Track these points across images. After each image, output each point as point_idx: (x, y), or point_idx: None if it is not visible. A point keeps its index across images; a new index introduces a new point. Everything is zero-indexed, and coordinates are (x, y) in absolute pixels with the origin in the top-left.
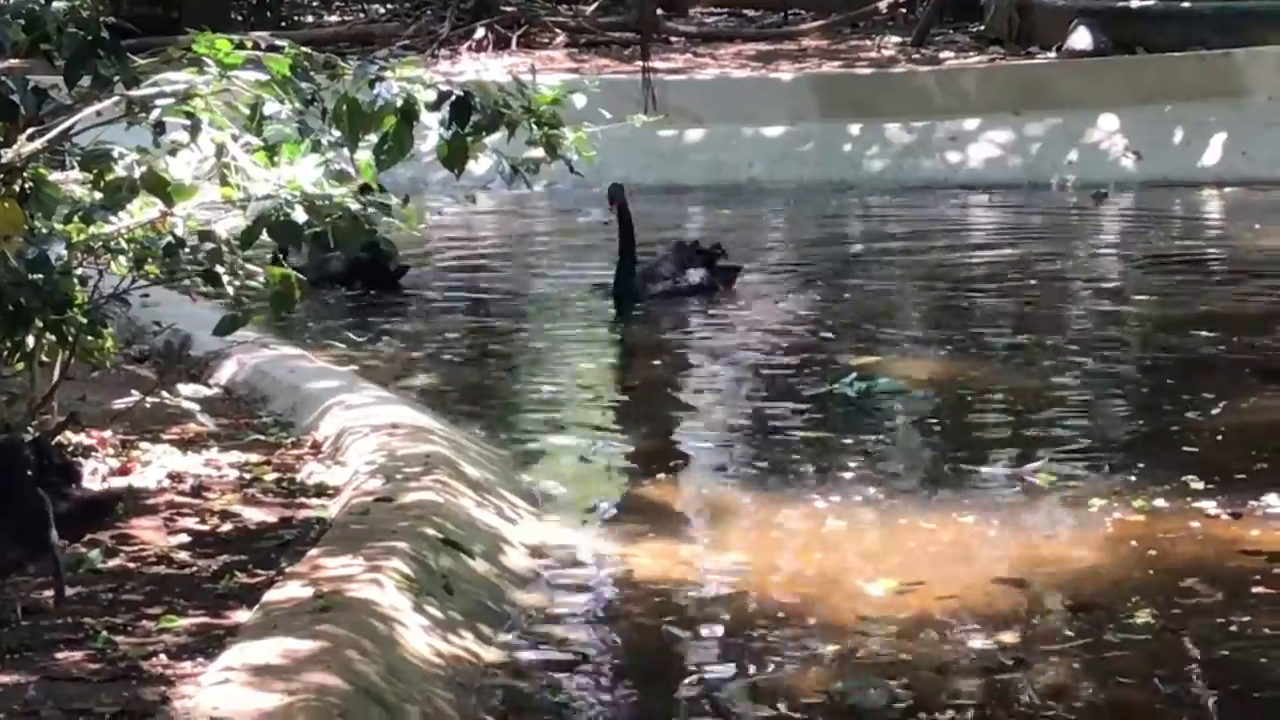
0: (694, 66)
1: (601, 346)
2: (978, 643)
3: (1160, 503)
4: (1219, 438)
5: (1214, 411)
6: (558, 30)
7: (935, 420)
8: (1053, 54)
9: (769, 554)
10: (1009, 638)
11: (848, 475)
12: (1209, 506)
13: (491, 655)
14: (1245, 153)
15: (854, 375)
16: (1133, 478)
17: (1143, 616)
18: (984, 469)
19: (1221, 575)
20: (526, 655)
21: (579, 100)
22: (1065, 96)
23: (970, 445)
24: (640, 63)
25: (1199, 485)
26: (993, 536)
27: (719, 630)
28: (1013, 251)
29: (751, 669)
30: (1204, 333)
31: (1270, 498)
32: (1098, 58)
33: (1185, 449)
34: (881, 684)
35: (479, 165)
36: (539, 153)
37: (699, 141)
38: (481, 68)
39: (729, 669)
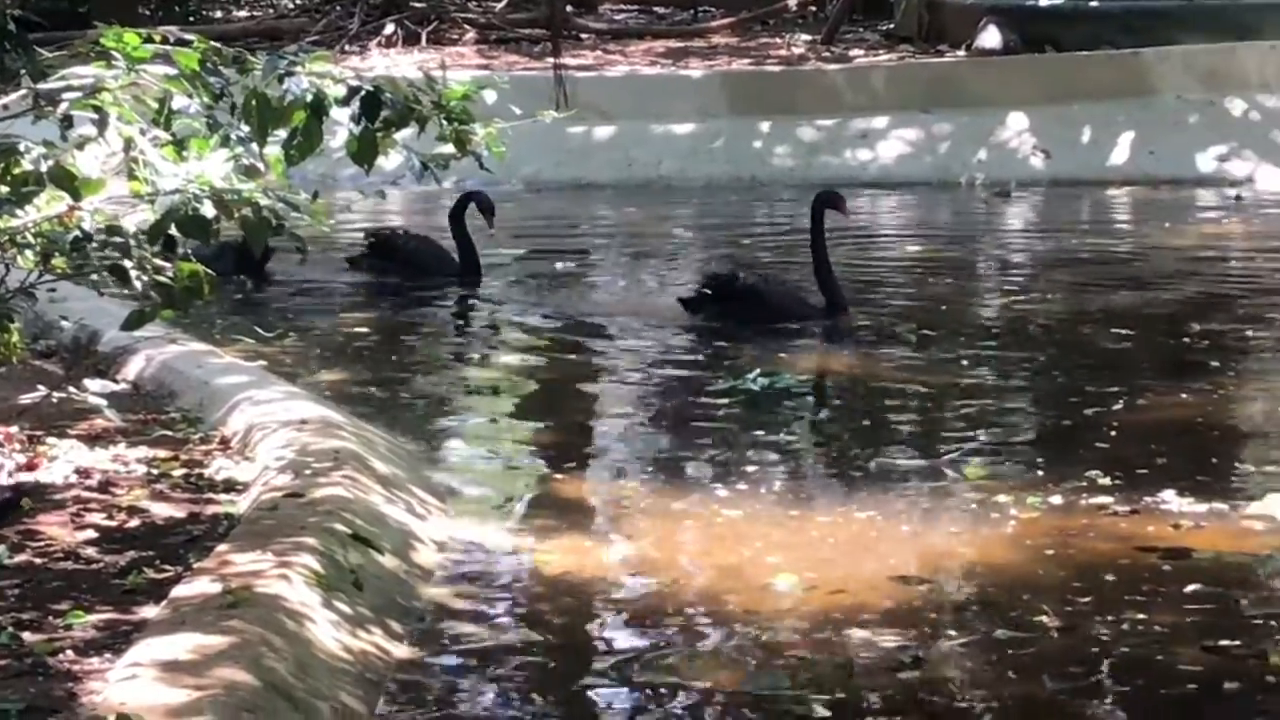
0: (604, 63)
1: (507, 342)
2: (879, 639)
3: (1063, 499)
4: (1124, 434)
5: (1119, 407)
6: (467, 27)
7: (839, 416)
8: (962, 52)
9: (675, 549)
10: (910, 634)
11: (752, 470)
12: (1110, 502)
13: (401, 651)
14: (1153, 151)
15: (758, 371)
16: (1038, 473)
17: (1042, 613)
18: (888, 464)
19: (1119, 571)
20: (435, 651)
21: (490, 96)
22: (974, 95)
23: (874, 441)
24: (550, 59)
25: (1102, 481)
26: (895, 532)
27: (627, 625)
28: (920, 248)
29: (658, 664)
30: (1111, 329)
31: (1168, 494)
32: (1007, 56)
33: (1090, 445)
34: (787, 681)
35: (388, 161)
36: (449, 149)
37: (608, 138)
38: (391, 64)
39: (636, 664)
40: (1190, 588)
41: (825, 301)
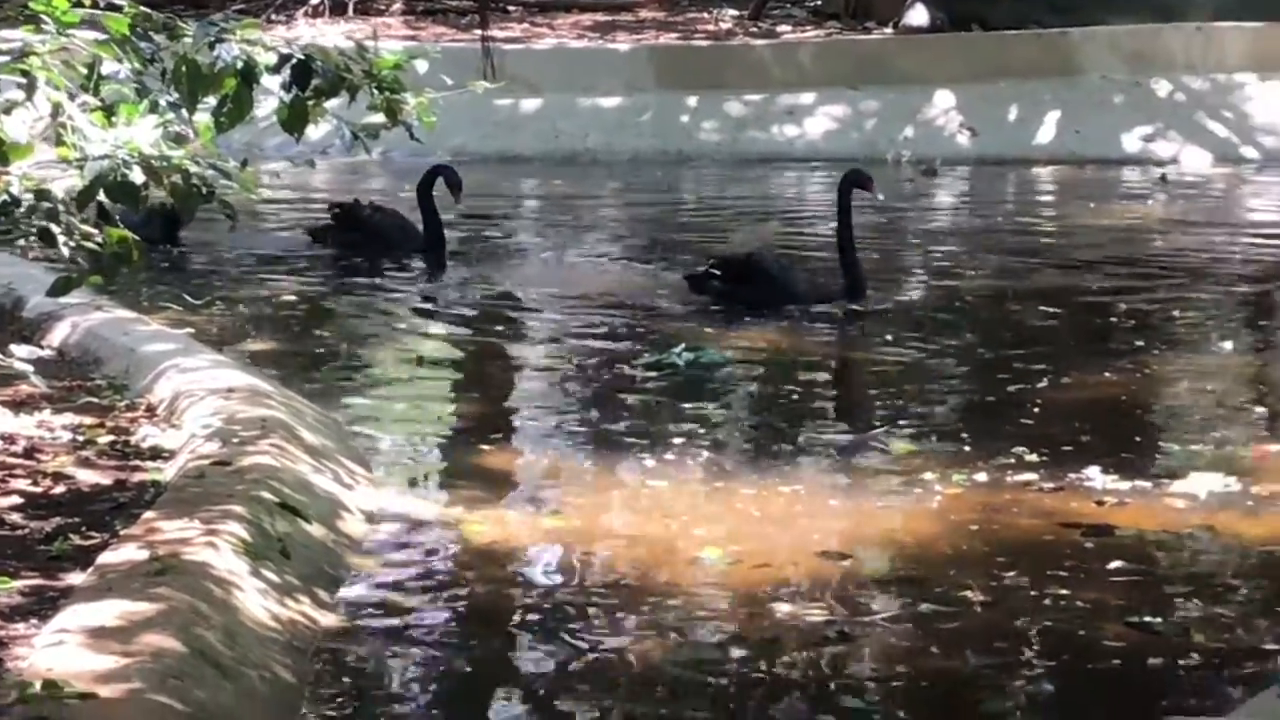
0: (531, 36)
1: (434, 314)
2: (804, 613)
3: (988, 475)
4: (1049, 411)
5: (1044, 385)
6: None
7: (764, 391)
8: (889, 30)
9: (601, 521)
10: (835, 608)
11: (678, 443)
12: (1035, 479)
13: (328, 620)
14: (1079, 131)
15: (683, 346)
16: (964, 449)
17: (966, 588)
18: (814, 439)
19: (1043, 547)
20: (363, 620)
21: (421, 66)
22: (901, 72)
23: (800, 416)
24: (478, 31)
25: (1027, 458)
26: (822, 507)
27: (554, 596)
28: None
29: (584, 635)
30: (1037, 307)
31: (1092, 470)
32: (934, 34)
33: (1015, 422)
34: (713, 654)
35: (315, 130)
36: (379, 118)
37: (536, 111)
38: (318, 33)
39: (563, 635)
40: (1113, 564)
41: (845, 283)
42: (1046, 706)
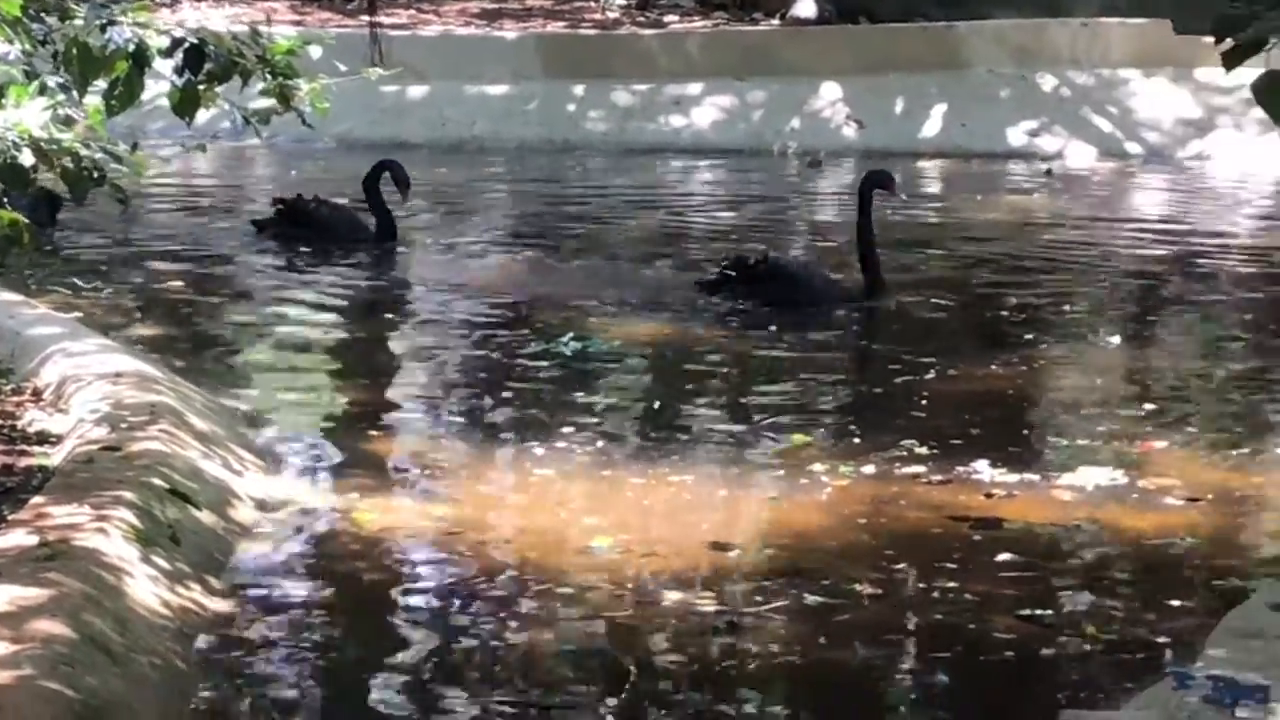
0: (418, 22)
1: (323, 303)
2: (694, 603)
3: (877, 467)
4: (938, 404)
5: (933, 378)
6: None
7: (652, 381)
8: (776, 21)
9: (491, 509)
10: (725, 599)
11: (567, 433)
12: (923, 471)
13: (218, 606)
14: (965, 124)
15: (570, 335)
16: (853, 441)
17: (855, 580)
18: (703, 430)
19: (932, 540)
20: (253, 606)
21: (315, 51)
22: (788, 63)
23: (689, 407)
24: (365, 17)
25: (915, 450)
26: (710, 497)
27: (444, 584)
28: (733, 216)
29: (471, 623)
30: (926, 299)
31: (981, 463)
32: (821, 26)
33: (904, 414)
34: (603, 643)
35: (202, 114)
36: (268, 103)
37: (423, 98)
38: (202, 17)
39: (451, 622)
40: (1001, 557)
41: (866, 283)
42: (939, 698)
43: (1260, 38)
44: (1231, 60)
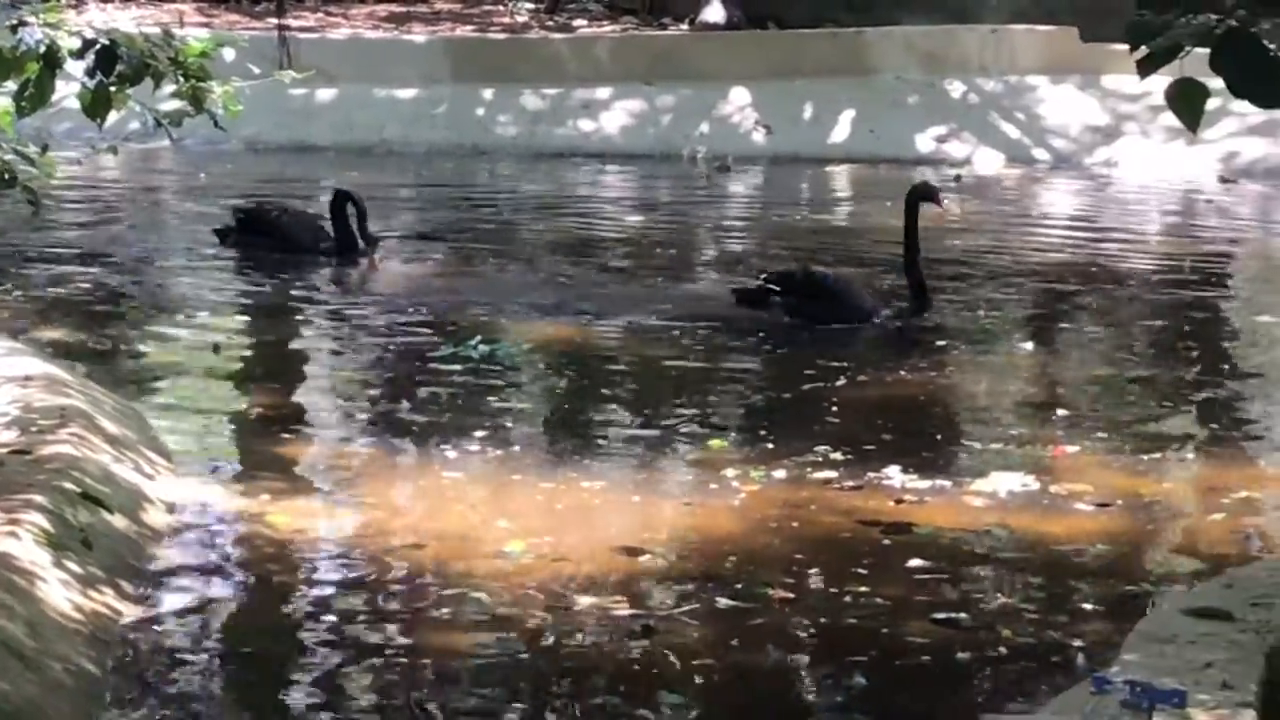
0: (326, 25)
1: (232, 306)
2: (609, 608)
3: (789, 473)
4: (850, 410)
5: (846, 384)
6: None
7: (561, 385)
8: (686, 26)
9: (400, 512)
10: (638, 603)
11: (479, 436)
12: (835, 477)
13: (131, 610)
14: (873, 130)
15: (479, 339)
16: (765, 447)
17: (767, 585)
18: (614, 434)
19: (844, 545)
20: (165, 610)
21: (229, 54)
22: (697, 69)
23: (601, 411)
24: (273, 20)
25: (827, 456)
26: (623, 502)
27: (356, 588)
28: (640, 220)
29: (383, 626)
30: None
31: (892, 469)
32: (730, 31)
33: (816, 420)
34: (519, 647)
35: (110, 117)
36: (178, 105)
37: (331, 101)
38: (109, 19)
39: (365, 626)
40: (914, 562)
41: (911, 297)
42: (857, 701)
43: (1175, 45)
44: (1146, 68)
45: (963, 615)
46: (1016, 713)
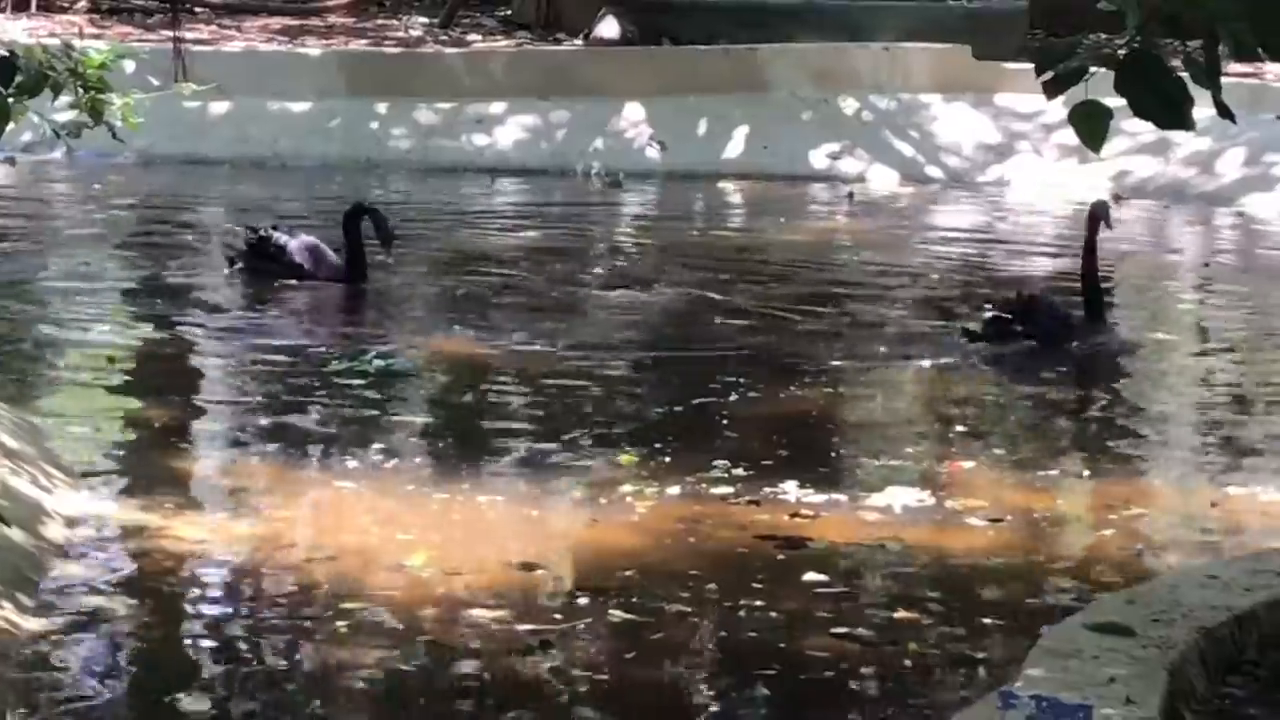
0: (220, 38)
1: (125, 321)
2: (505, 623)
3: (685, 488)
4: (746, 426)
5: (741, 400)
6: None
7: (456, 400)
8: (580, 41)
9: (297, 526)
10: (534, 618)
11: (375, 450)
12: (731, 492)
13: (30, 624)
14: (767, 147)
15: (373, 353)
16: (661, 461)
17: (663, 600)
18: (510, 449)
19: (740, 560)
20: (63, 624)
21: (129, 66)
22: (592, 84)
23: (496, 426)
24: (166, 31)
25: (722, 471)
26: (518, 516)
27: (252, 601)
28: (534, 236)
29: (280, 641)
30: (729, 322)
31: (788, 484)
32: (625, 47)
33: (711, 436)
34: (421, 662)
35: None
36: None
37: (225, 114)
38: (1, 30)
39: (261, 641)
40: (811, 576)
41: (1088, 317)
42: (762, 715)
43: (1081, 67)
44: (1052, 90)
45: (864, 630)
46: None
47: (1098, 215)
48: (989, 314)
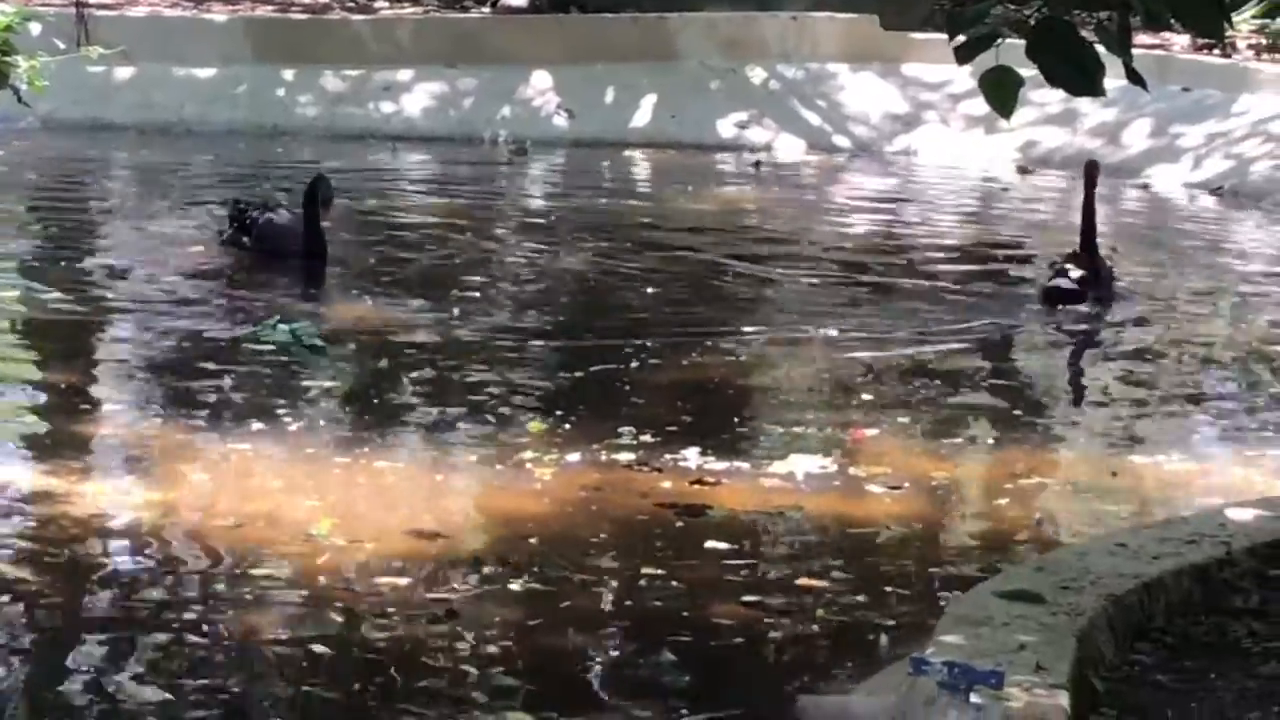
0: (124, 2)
1: (39, 285)
2: (408, 591)
3: (587, 455)
4: (648, 392)
5: (644, 367)
6: None
7: (360, 367)
8: (488, 9)
9: (202, 492)
10: (436, 586)
11: (280, 416)
12: (633, 459)
13: None
14: (675, 116)
15: (277, 319)
16: (562, 428)
17: (566, 567)
18: (414, 416)
19: (642, 527)
20: None
21: (35, 29)
22: (499, 51)
23: (394, 393)
24: None
25: (626, 439)
26: (422, 484)
27: (162, 570)
28: (439, 202)
29: (186, 609)
30: (635, 289)
31: (689, 451)
32: (533, 14)
33: (614, 403)
34: (330, 630)
35: None
36: None
37: (130, 79)
38: None
39: (167, 607)
40: (716, 545)
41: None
42: (671, 684)
43: (992, 33)
44: (964, 55)
45: (770, 598)
46: (831, 693)
47: (1093, 175)
48: (1064, 277)
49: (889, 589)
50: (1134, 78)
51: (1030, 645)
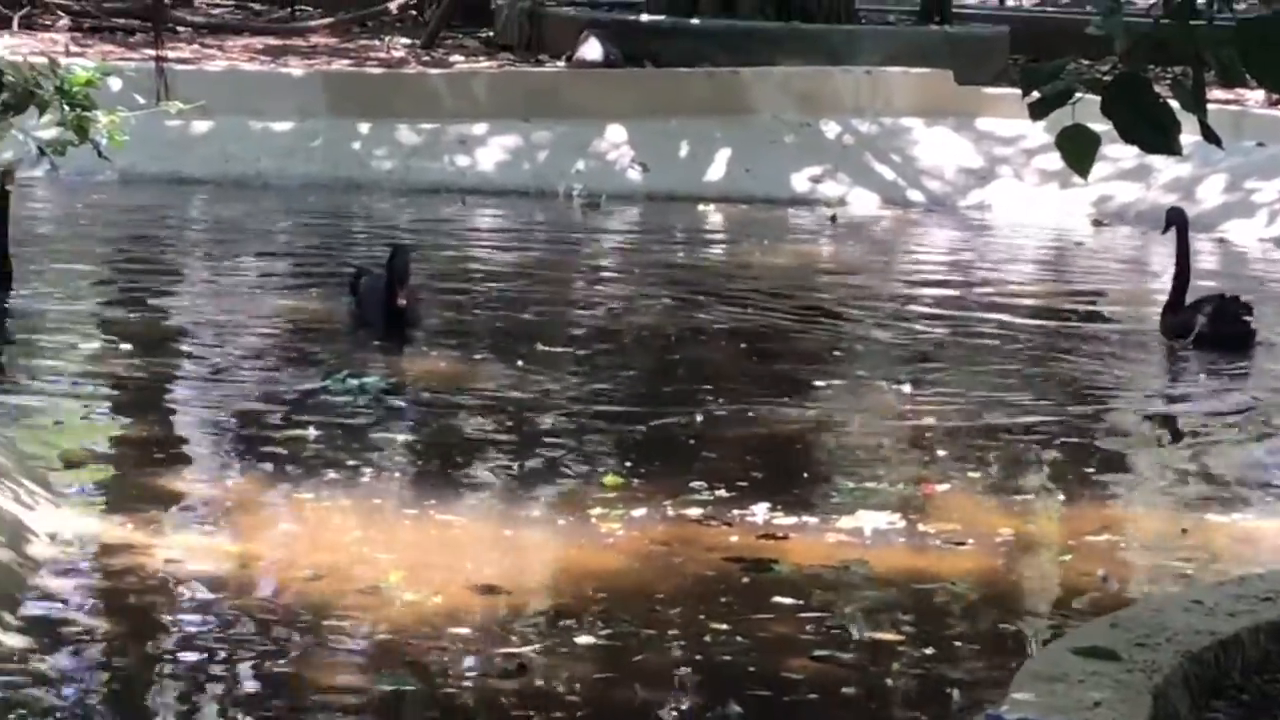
0: (202, 57)
1: (104, 338)
2: (484, 646)
3: (657, 510)
4: (721, 448)
5: (717, 421)
6: (61, 13)
7: (431, 420)
8: (562, 63)
9: (274, 545)
10: (510, 642)
11: (351, 470)
12: (702, 514)
13: (13, 641)
14: (749, 170)
15: (347, 372)
16: (633, 483)
17: (637, 623)
18: (483, 472)
19: (712, 583)
20: (47, 642)
21: (115, 84)
22: (574, 106)
23: (465, 446)
24: (148, 50)
25: (696, 494)
26: (492, 539)
27: (242, 621)
28: (517, 257)
29: (263, 662)
30: (711, 344)
31: (759, 507)
32: (607, 69)
33: (686, 459)
34: (406, 684)
35: None
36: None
37: (207, 133)
38: None
39: (243, 661)
40: (784, 600)
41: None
42: None
43: (1067, 89)
44: (1038, 111)
45: (842, 653)
46: None
47: (1182, 223)
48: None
49: (960, 644)
50: (1209, 136)
51: (1106, 702)
